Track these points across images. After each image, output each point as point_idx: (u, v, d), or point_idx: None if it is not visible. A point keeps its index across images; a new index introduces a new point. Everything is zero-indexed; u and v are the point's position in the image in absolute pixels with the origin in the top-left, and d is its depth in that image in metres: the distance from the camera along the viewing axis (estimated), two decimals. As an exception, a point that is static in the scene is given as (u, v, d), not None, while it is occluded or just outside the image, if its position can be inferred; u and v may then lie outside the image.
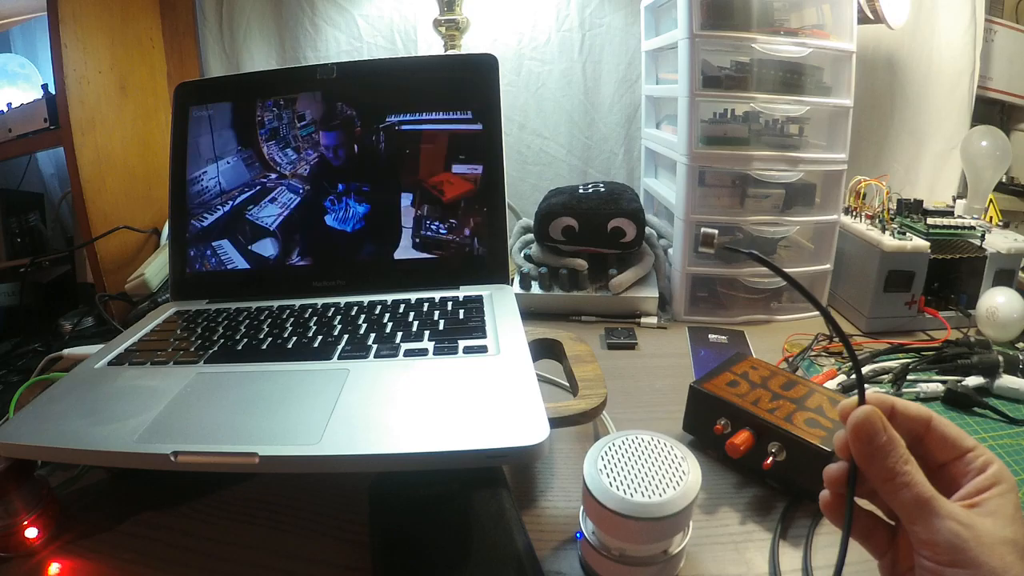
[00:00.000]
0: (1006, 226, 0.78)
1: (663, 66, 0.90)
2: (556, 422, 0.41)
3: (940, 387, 0.57)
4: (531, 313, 0.77)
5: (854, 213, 0.80)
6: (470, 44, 0.92)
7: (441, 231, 0.60)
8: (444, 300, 0.54)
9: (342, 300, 0.56)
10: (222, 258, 0.62)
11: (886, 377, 0.60)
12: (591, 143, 1.03)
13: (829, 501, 0.29)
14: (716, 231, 0.37)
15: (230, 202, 0.62)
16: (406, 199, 0.60)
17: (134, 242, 0.89)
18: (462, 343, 0.45)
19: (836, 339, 0.69)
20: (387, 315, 0.52)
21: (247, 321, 0.53)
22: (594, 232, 0.76)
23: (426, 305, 0.54)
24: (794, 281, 0.30)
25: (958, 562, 0.24)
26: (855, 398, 0.28)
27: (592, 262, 0.77)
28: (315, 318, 0.53)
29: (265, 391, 0.41)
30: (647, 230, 0.79)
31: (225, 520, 0.43)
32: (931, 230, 0.73)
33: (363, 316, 0.53)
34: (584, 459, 0.37)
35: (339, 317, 0.53)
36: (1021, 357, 0.59)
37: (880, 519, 0.29)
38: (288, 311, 0.55)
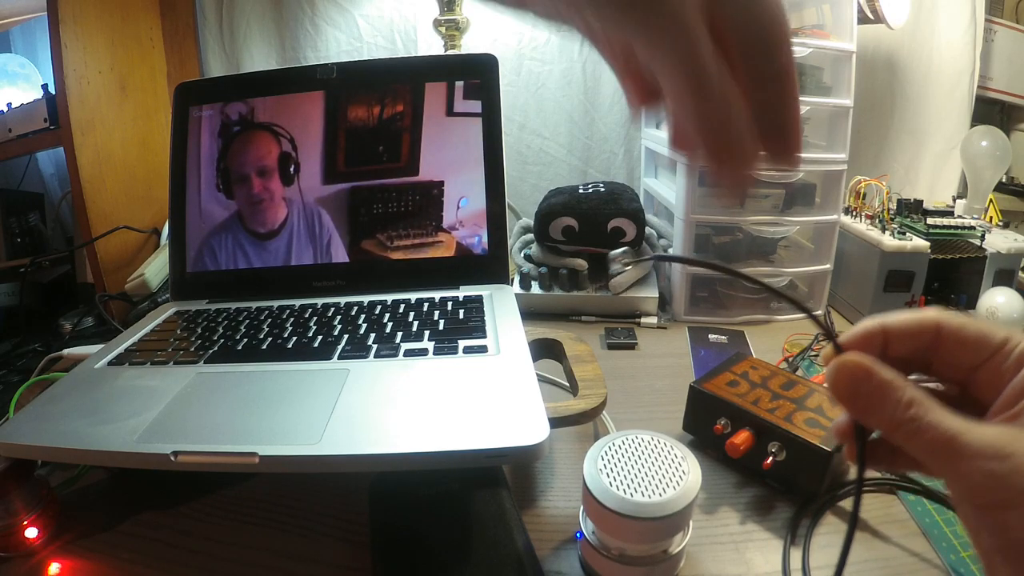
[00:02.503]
0: (1006, 226, 0.78)
1: (663, 66, 0.89)
2: (556, 422, 0.41)
3: (940, 387, 0.57)
4: (531, 313, 0.77)
5: (854, 213, 0.80)
6: (470, 44, 0.92)
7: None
8: (444, 300, 0.54)
9: (342, 300, 0.56)
10: (222, 258, 0.62)
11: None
12: (591, 143, 1.03)
13: (847, 450, 0.25)
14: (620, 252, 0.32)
15: (231, 201, 0.62)
16: (406, 199, 0.60)
17: (134, 242, 0.89)
18: (462, 343, 0.46)
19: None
20: (387, 315, 0.52)
21: (247, 321, 0.53)
22: (594, 232, 0.76)
23: (426, 305, 0.54)
24: (738, 272, 0.28)
25: (1002, 502, 0.19)
26: (832, 346, 0.24)
27: (592, 262, 0.77)
28: (315, 318, 0.53)
29: (265, 391, 0.41)
30: (647, 230, 0.79)
31: (225, 520, 0.43)
32: (931, 230, 0.73)
33: (363, 316, 0.53)
34: (584, 459, 0.37)
35: (339, 317, 0.53)
36: (1021, 357, 0.59)
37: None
38: (288, 311, 0.55)
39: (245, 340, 0.49)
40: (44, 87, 0.80)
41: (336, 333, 0.49)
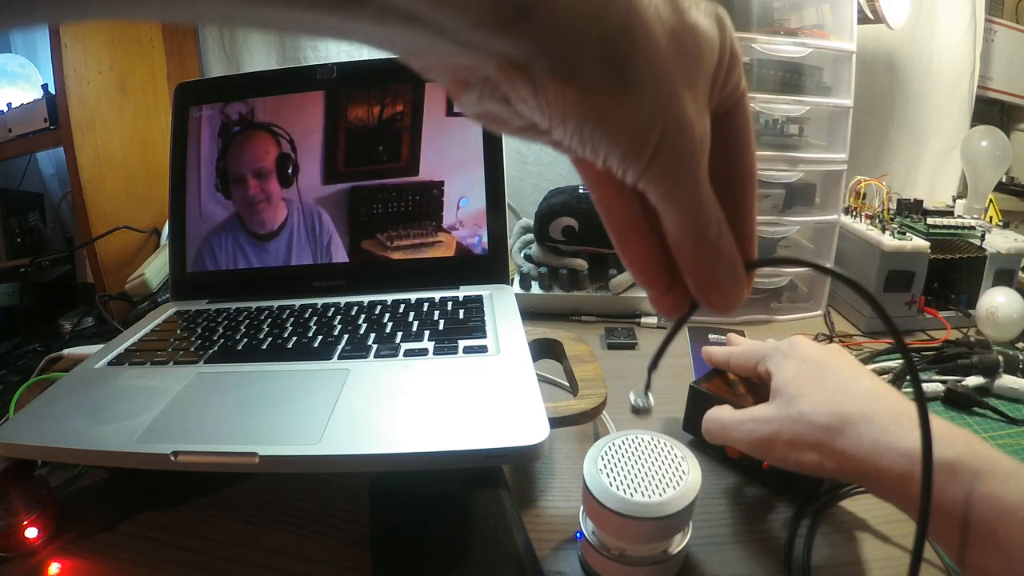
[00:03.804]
0: (1006, 226, 0.78)
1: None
2: (556, 422, 0.41)
3: (940, 387, 0.57)
4: (531, 313, 0.77)
5: (854, 213, 0.79)
6: (470, 44, 0.92)
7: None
8: (444, 300, 0.54)
9: (342, 300, 0.56)
10: (222, 258, 0.62)
11: (886, 377, 0.60)
12: (591, 143, 1.03)
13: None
14: None
15: (230, 201, 0.62)
16: (406, 199, 0.60)
17: (134, 242, 0.89)
18: (462, 343, 0.46)
19: (835, 338, 0.69)
20: (387, 315, 0.52)
21: (247, 321, 0.53)
22: (594, 232, 0.76)
23: (426, 305, 0.54)
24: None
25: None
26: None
27: (592, 262, 0.77)
28: (315, 318, 0.53)
29: (265, 391, 0.41)
30: (647, 230, 0.79)
31: (225, 520, 0.43)
32: (931, 230, 0.73)
33: (363, 316, 0.53)
34: (584, 459, 0.37)
35: (339, 317, 0.53)
36: (1021, 357, 0.59)
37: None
38: (288, 311, 0.55)
39: (245, 340, 0.49)
40: (44, 87, 0.80)
41: (336, 333, 0.49)
